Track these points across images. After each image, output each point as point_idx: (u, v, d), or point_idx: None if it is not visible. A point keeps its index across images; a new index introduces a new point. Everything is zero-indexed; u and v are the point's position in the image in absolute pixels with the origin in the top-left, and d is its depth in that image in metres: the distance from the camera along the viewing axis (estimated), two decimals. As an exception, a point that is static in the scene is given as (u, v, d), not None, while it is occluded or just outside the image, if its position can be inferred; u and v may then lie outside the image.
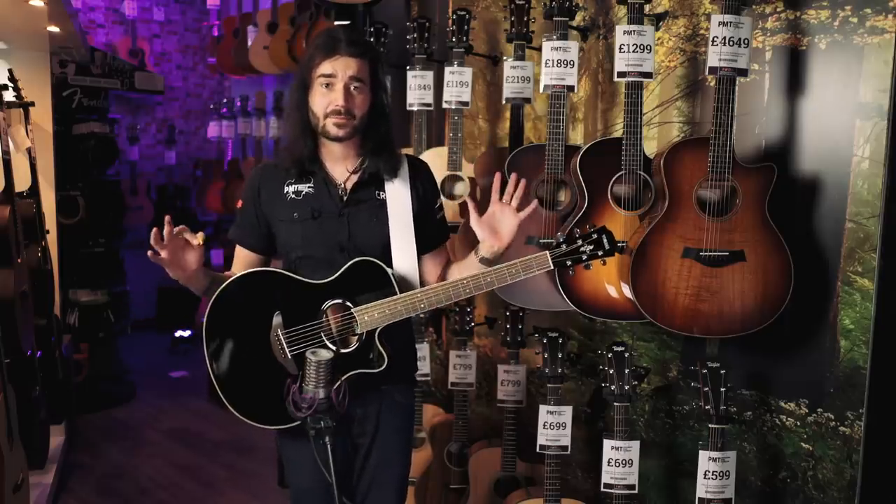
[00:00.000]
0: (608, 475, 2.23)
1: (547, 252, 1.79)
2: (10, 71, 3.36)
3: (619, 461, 2.22)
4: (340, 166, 1.89)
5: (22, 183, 3.31)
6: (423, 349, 2.92)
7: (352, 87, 1.79)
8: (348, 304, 1.78)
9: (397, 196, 1.89)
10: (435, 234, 1.98)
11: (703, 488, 2.09)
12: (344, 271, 1.80)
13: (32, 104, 3.49)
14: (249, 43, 5.32)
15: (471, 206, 1.81)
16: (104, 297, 4.83)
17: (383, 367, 1.79)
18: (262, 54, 5.17)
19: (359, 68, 1.79)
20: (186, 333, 5.75)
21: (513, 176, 1.83)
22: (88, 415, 4.36)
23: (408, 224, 1.89)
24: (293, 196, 1.87)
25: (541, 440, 2.33)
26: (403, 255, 1.87)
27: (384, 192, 1.89)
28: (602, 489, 2.25)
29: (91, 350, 4.71)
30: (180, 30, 6.74)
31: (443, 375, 3.18)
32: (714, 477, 2.08)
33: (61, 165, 3.97)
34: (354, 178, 1.89)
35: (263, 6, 5.36)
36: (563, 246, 1.80)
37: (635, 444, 2.23)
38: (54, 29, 3.69)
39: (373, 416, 1.92)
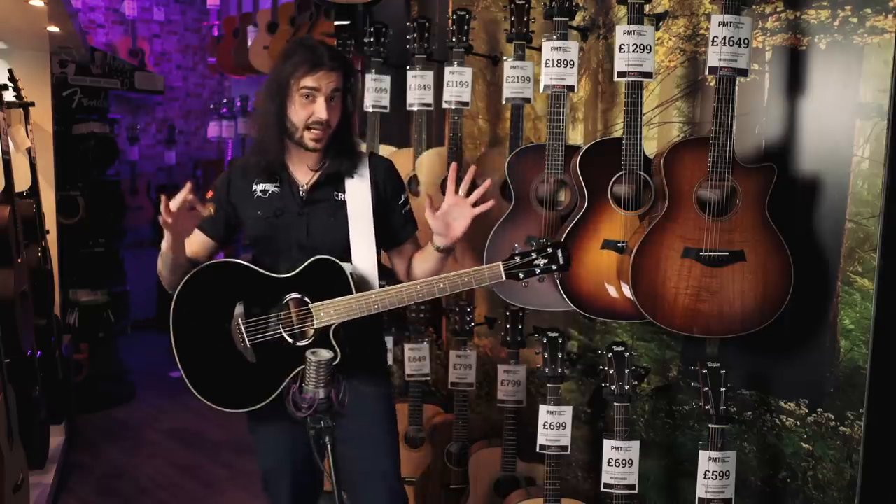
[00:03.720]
0: (608, 475, 2.23)
1: (500, 263, 1.85)
2: (10, 71, 3.36)
3: (619, 461, 2.22)
4: (304, 167, 1.97)
5: (22, 183, 3.31)
6: (423, 349, 2.93)
7: (332, 100, 1.87)
8: (306, 299, 1.84)
9: (357, 195, 1.95)
10: (400, 229, 2.04)
11: (703, 488, 2.09)
12: (304, 268, 1.86)
13: (32, 104, 3.49)
14: (249, 43, 5.32)
15: (426, 201, 1.86)
16: (104, 297, 4.83)
17: (336, 361, 1.81)
18: (262, 54, 5.17)
19: (338, 80, 1.87)
20: (186, 333, 5.74)
21: (471, 168, 1.89)
22: (88, 415, 4.35)
23: (368, 223, 1.94)
24: (260, 194, 1.96)
25: (541, 440, 2.33)
26: (362, 255, 1.93)
27: (344, 192, 1.95)
28: (602, 489, 2.25)
29: (91, 350, 4.71)
30: (180, 30, 6.74)
31: (443, 375, 3.18)
32: (714, 477, 2.08)
33: (61, 165, 3.97)
34: (315, 177, 1.95)
35: (263, 6, 5.36)
36: (517, 258, 1.86)
37: (635, 444, 2.23)
38: (54, 29, 3.68)
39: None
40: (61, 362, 3.60)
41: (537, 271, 1.86)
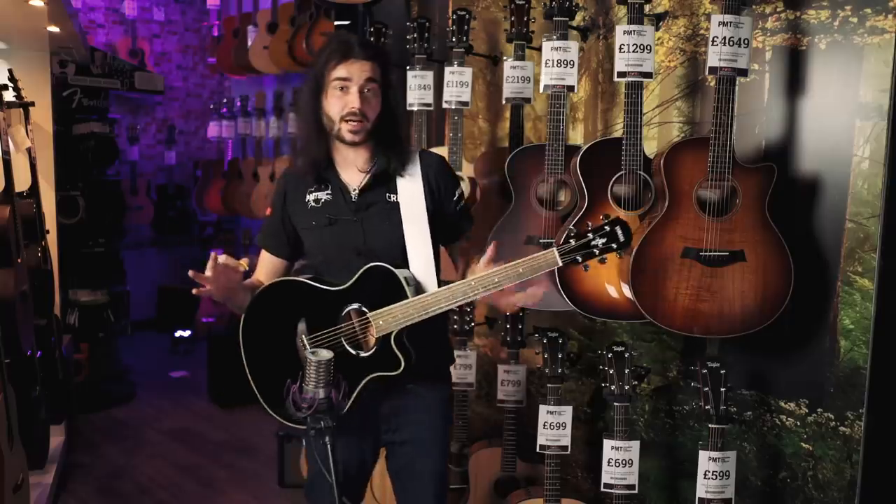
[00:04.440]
0: (608, 475, 2.23)
1: (554, 249, 1.73)
2: (10, 71, 3.35)
3: (619, 461, 2.22)
4: (353, 170, 1.91)
5: (22, 183, 3.31)
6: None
7: (366, 90, 1.82)
8: (364, 309, 1.80)
9: (410, 195, 1.89)
10: (454, 226, 1.97)
11: (703, 488, 2.09)
12: (358, 277, 1.81)
13: (32, 104, 3.49)
14: (249, 43, 5.31)
15: (489, 252, 1.77)
16: (104, 297, 4.83)
17: (400, 370, 1.80)
18: (262, 54, 5.17)
19: (372, 71, 1.82)
20: (186, 333, 5.74)
21: (492, 244, 1.79)
22: (88, 415, 4.35)
23: (422, 224, 1.88)
24: (313, 204, 1.91)
25: (541, 440, 2.33)
26: (419, 256, 1.87)
27: (395, 193, 1.89)
28: (602, 489, 2.25)
29: (91, 350, 4.71)
30: (180, 30, 6.74)
31: (443, 375, 3.18)
32: (714, 477, 2.08)
33: (61, 165, 3.96)
34: (364, 179, 1.90)
35: (263, 6, 5.35)
36: (572, 241, 1.72)
37: (635, 444, 2.23)
38: (54, 29, 3.68)
39: (400, 414, 1.93)
40: (61, 362, 3.59)
41: (597, 252, 1.72)
